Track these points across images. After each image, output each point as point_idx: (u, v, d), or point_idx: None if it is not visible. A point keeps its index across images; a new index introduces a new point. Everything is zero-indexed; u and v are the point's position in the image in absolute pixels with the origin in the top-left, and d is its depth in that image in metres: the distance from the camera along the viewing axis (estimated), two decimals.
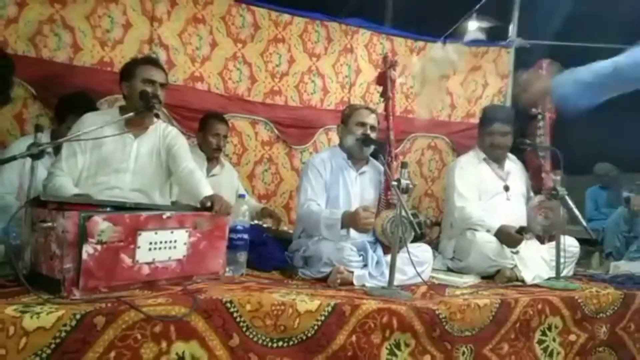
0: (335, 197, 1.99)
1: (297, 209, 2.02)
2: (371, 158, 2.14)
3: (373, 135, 2.06)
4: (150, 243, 1.34)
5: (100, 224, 1.23)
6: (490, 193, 2.31)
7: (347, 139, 2.05)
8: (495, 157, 2.38)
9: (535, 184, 2.44)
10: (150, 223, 1.34)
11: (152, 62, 1.83)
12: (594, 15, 4.56)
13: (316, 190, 1.96)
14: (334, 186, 2.00)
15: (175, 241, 1.40)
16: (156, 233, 1.35)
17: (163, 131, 1.84)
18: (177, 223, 1.41)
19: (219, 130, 2.46)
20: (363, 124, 2.04)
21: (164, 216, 1.38)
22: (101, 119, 1.71)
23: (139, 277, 1.33)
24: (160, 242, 1.37)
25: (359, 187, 2.04)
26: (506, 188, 2.33)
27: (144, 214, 1.34)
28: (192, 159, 1.85)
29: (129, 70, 1.77)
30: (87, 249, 1.21)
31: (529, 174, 2.47)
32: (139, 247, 1.31)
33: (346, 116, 2.11)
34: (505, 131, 2.32)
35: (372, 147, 2.05)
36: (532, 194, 2.46)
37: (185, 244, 1.43)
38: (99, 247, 1.23)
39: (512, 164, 2.44)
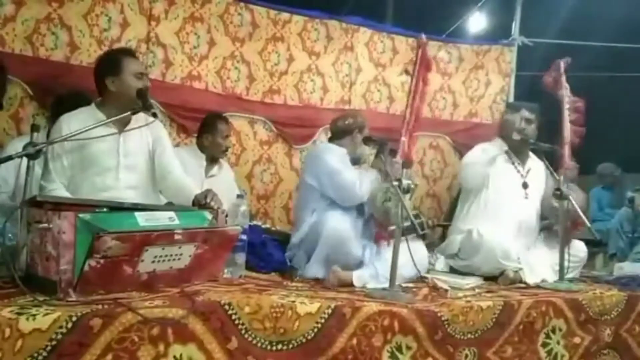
0: None
1: (355, 190, 1.96)
2: None
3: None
4: (155, 257, 1.31)
5: (109, 242, 1.19)
6: (506, 187, 2.26)
7: (363, 149, 2.12)
8: (517, 149, 2.32)
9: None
10: (160, 240, 1.30)
11: (133, 54, 1.79)
12: (596, 14, 4.55)
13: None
14: None
15: (181, 254, 1.36)
16: (163, 249, 1.31)
17: (145, 121, 1.76)
18: (187, 239, 1.36)
19: (228, 131, 2.45)
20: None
21: (176, 236, 1.33)
22: (80, 117, 1.66)
23: (137, 283, 1.31)
24: (166, 256, 1.33)
25: None
26: (525, 185, 2.28)
27: (156, 232, 1.29)
28: (177, 161, 1.82)
29: (114, 65, 1.70)
30: (90, 262, 1.19)
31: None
32: (142, 261, 1.28)
33: (357, 128, 2.14)
34: (531, 119, 2.29)
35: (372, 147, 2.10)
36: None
37: (190, 256, 1.39)
38: (102, 260, 1.20)
39: (534, 163, 2.38)
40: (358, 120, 2.18)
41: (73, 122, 1.65)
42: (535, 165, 2.37)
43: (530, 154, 2.39)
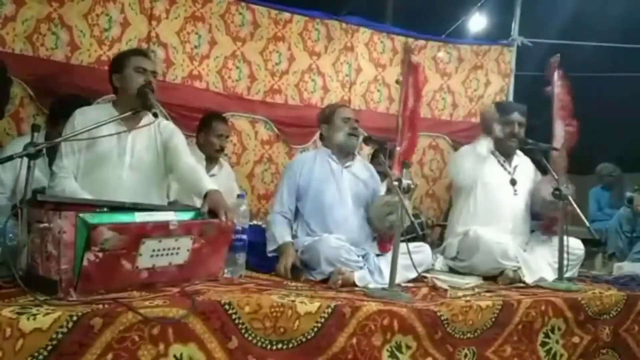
0: (319, 191, 2.00)
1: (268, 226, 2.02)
2: (357, 155, 2.19)
3: (359, 128, 2.13)
4: (153, 250, 1.31)
5: (105, 233, 1.20)
6: (495, 185, 2.25)
7: (337, 135, 2.08)
8: (505, 150, 2.32)
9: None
10: (156, 232, 1.31)
11: (142, 52, 1.83)
12: (596, 14, 4.55)
13: (285, 198, 2.02)
14: (318, 181, 2.02)
15: (178, 248, 1.37)
16: (160, 241, 1.32)
17: (158, 124, 1.79)
18: (183, 231, 1.37)
19: (223, 131, 2.46)
20: (348, 119, 2.10)
21: (171, 227, 1.34)
22: (95, 113, 1.70)
23: (137, 281, 1.31)
24: (163, 249, 1.33)
25: (348, 181, 2.06)
26: (513, 182, 2.28)
27: (151, 223, 1.30)
28: (191, 155, 1.84)
29: (119, 62, 1.76)
30: (89, 256, 1.19)
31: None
32: (140, 255, 1.29)
33: (328, 116, 2.14)
34: (522, 122, 2.28)
35: (361, 141, 2.08)
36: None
37: (188, 250, 1.40)
38: (100, 254, 1.21)
39: (521, 160, 2.38)
40: (333, 106, 2.22)
41: (86, 117, 1.68)
42: (522, 162, 2.38)
43: (517, 150, 2.39)
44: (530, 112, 2.43)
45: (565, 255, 2.00)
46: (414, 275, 1.82)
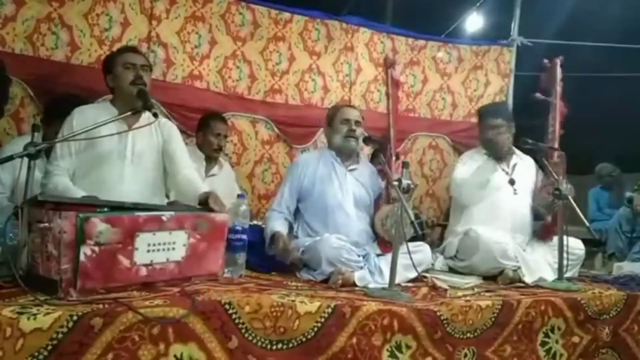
0: (322, 193, 2.00)
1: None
2: (361, 156, 2.20)
3: (359, 130, 2.12)
4: (149, 244, 1.33)
5: (99, 225, 1.21)
6: (495, 186, 2.26)
7: (335, 137, 2.10)
8: (495, 153, 2.33)
9: None
10: (149, 224, 1.33)
11: (130, 48, 1.85)
12: (595, 14, 4.55)
13: (285, 197, 2.03)
14: (321, 182, 2.03)
15: (173, 242, 1.38)
16: (154, 234, 1.33)
17: (158, 123, 1.79)
18: (176, 224, 1.39)
19: (221, 130, 2.46)
20: (347, 120, 2.10)
21: (163, 218, 1.36)
22: (93, 112, 1.72)
23: (137, 279, 1.32)
24: (159, 244, 1.35)
25: (351, 184, 2.06)
26: (512, 182, 2.28)
27: (143, 215, 1.32)
28: (190, 160, 1.84)
29: (110, 62, 1.78)
30: (85, 251, 1.20)
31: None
32: (136, 249, 1.30)
33: (330, 117, 2.16)
34: (495, 125, 2.29)
35: (361, 142, 2.08)
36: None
37: (184, 245, 1.41)
38: (96, 248, 1.21)
39: (519, 159, 2.38)
40: (336, 107, 2.23)
41: (84, 116, 1.69)
42: (521, 161, 2.38)
43: (516, 150, 2.39)
44: (530, 113, 2.43)
45: (565, 255, 2.00)
46: (413, 275, 1.83)
